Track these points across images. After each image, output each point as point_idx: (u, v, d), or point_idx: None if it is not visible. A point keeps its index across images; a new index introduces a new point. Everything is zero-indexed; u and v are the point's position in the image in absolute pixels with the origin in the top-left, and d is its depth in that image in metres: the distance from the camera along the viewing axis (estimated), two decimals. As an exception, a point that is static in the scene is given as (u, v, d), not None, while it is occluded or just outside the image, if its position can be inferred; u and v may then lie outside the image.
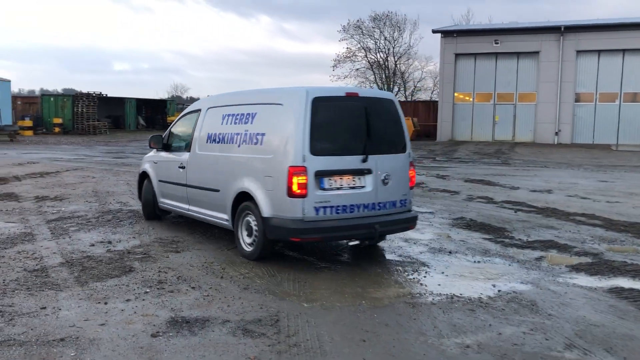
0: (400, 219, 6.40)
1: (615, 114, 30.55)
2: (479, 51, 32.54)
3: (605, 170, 17.56)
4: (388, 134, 6.45)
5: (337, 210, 5.90)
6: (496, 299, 5.07)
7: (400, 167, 6.43)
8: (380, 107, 6.45)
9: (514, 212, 9.71)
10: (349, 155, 6.05)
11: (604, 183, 13.97)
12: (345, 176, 6.02)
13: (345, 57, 56.27)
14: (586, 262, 6.36)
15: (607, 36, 29.89)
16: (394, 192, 6.32)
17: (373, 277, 5.73)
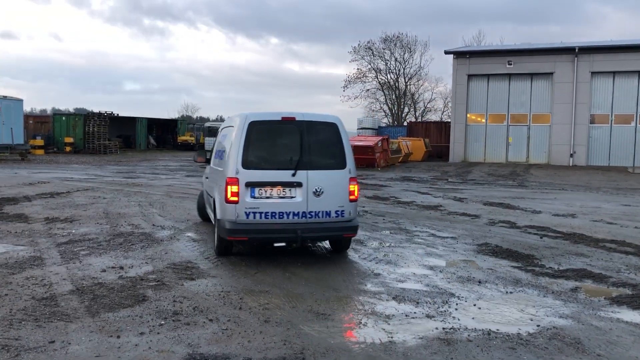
0: (331, 227, 7.16)
1: (632, 136, 30.16)
2: (492, 72, 32.37)
3: (626, 194, 17.12)
4: (325, 153, 7.31)
5: (266, 215, 6.97)
6: (537, 335, 4.71)
7: (336, 182, 7.21)
8: (318, 129, 7.32)
9: (540, 237, 9.33)
10: (280, 170, 7.06)
11: (627, 207, 13.56)
12: (276, 187, 7.03)
13: (355, 78, 56.39)
14: (626, 295, 5.98)
15: (622, 57, 29.65)
16: (328, 203, 7.13)
17: (401, 308, 5.38)
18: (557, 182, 21.55)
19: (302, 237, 6.97)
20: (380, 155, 28.24)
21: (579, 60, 30.21)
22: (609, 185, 20.11)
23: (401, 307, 5.42)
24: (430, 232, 9.74)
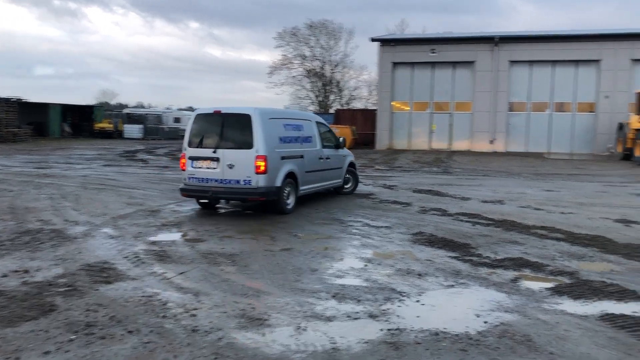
0: (238, 191, 9.61)
1: (546, 123, 31.47)
2: (416, 60, 32.74)
3: (545, 179, 17.70)
4: (238, 137, 9.71)
5: (198, 180, 9.86)
6: (486, 333, 4.46)
7: (245, 159, 9.51)
8: (235, 119, 9.83)
9: (472, 225, 9.28)
10: (207, 149, 9.78)
11: (550, 192, 13.93)
12: (204, 161, 9.78)
13: (281, 65, 55.65)
14: (565, 284, 5.91)
15: (538, 47, 30.79)
16: (237, 174, 9.54)
17: (342, 308, 4.99)
18: (480, 168, 22.06)
19: (215, 196, 9.89)
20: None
21: (499, 49, 31.09)
22: (529, 171, 20.80)
23: (342, 307, 5.04)
24: (364, 221, 9.46)
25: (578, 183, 16.52)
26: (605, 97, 29.87)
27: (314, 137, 11.41)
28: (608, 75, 29.74)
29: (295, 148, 10.55)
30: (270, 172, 9.57)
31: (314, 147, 11.32)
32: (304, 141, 10.96)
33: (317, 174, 11.37)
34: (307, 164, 10.84)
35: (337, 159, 12.31)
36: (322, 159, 11.57)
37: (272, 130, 9.86)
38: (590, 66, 30.29)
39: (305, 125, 11.23)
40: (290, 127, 10.59)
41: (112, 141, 41.89)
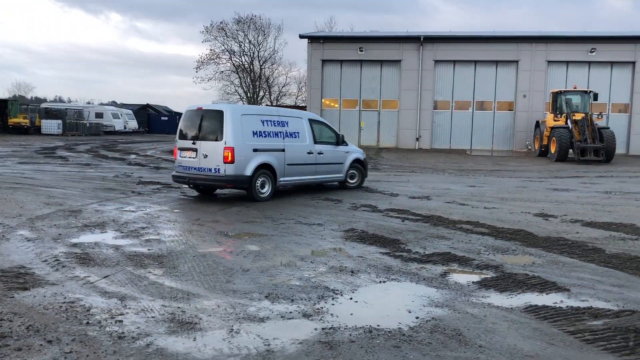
0: (210, 179, 11.06)
1: (469, 121, 32.64)
2: (345, 58, 33.04)
3: (469, 175, 18.36)
4: (212, 130, 11.03)
5: (183, 168, 11.43)
6: (418, 329, 4.52)
7: (216, 149, 10.83)
8: (210, 114, 11.16)
9: (402, 221, 9.45)
10: (187, 141, 11.28)
11: (473, 188, 14.44)
12: (187, 151, 11.30)
13: (209, 59, 54.61)
14: (491, 277, 6.11)
15: (461, 47, 31.85)
16: (210, 163, 10.93)
17: (276, 309, 4.92)
18: (407, 165, 22.60)
19: (191, 182, 11.49)
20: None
21: (424, 49, 31.93)
22: (453, 167, 21.51)
23: (275, 307, 4.96)
24: (296, 219, 9.41)
25: (499, 179, 17.23)
26: (523, 96, 31.36)
27: (302, 133, 12.37)
28: (525, 75, 31.23)
29: (274, 142, 11.65)
30: (238, 162, 10.83)
31: (301, 142, 12.31)
32: (288, 136, 12.01)
33: (305, 167, 12.40)
34: (289, 157, 11.93)
35: (335, 155, 13.27)
36: (311, 153, 12.49)
37: (244, 124, 11.05)
38: (509, 66, 31.68)
39: (292, 122, 12.23)
40: (269, 123, 11.64)
41: (29, 137, 39.59)
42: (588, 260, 6.98)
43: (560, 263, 6.82)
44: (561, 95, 26.33)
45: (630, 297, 5.46)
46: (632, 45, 30.38)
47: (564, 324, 4.71)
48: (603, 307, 5.14)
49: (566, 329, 4.58)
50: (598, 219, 9.89)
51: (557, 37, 31.81)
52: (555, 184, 15.85)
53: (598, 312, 5.01)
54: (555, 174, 19.26)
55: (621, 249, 7.57)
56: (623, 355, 4.10)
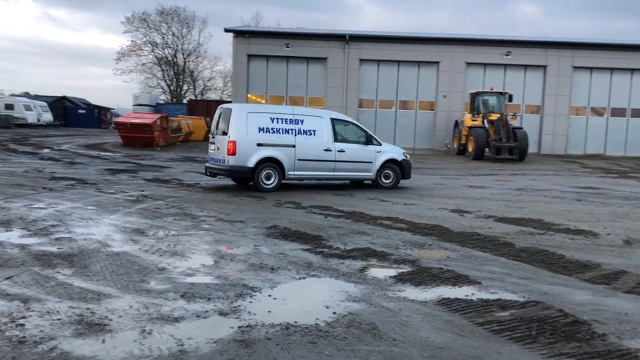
0: (218, 169, 12.54)
1: (392, 120, 33.36)
2: (271, 53, 32.85)
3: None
4: (224, 126, 12.41)
5: (209, 159, 13.16)
6: (334, 324, 4.55)
7: (223, 142, 12.27)
8: (225, 112, 12.65)
9: (325, 217, 9.51)
10: (212, 135, 13.03)
11: (395, 185, 14.75)
12: (210, 144, 13.11)
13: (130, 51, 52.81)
14: (407, 271, 6.26)
15: (385, 47, 32.47)
16: (220, 154, 12.42)
17: (191, 308, 4.80)
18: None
19: (208, 171, 12.88)
20: (160, 134, 26.78)
21: (349, 47, 32.30)
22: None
23: (191, 307, 4.85)
24: (218, 216, 9.26)
25: (420, 176, 17.72)
26: (444, 96, 32.41)
27: (319, 131, 12.94)
28: (446, 76, 32.29)
29: (283, 138, 12.53)
30: (240, 154, 12.06)
31: (317, 140, 12.87)
32: (301, 133, 12.71)
33: (321, 163, 12.96)
34: (301, 153, 12.65)
35: (362, 154, 13.48)
36: (329, 151, 12.94)
37: (250, 121, 12.25)
38: (430, 67, 32.65)
39: (309, 120, 12.90)
40: (280, 121, 12.57)
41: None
42: (499, 254, 7.31)
43: (473, 257, 7.09)
44: (479, 96, 27.44)
45: (535, 289, 5.76)
46: (543, 50, 32.12)
47: (474, 315, 4.90)
48: (510, 299, 5.39)
49: (476, 321, 4.76)
50: (509, 215, 10.38)
51: (475, 40, 33.11)
52: (472, 182, 16.51)
53: (506, 303, 5.25)
54: (472, 172, 20.06)
55: (529, 243, 7.98)
56: (526, 343, 4.31)
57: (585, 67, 32.21)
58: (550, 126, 32.32)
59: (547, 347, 4.24)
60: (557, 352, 4.15)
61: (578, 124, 32.77)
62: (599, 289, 5.86)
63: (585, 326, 4.71)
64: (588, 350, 4.21)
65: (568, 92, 32.12)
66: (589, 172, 21.51)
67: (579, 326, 4.70)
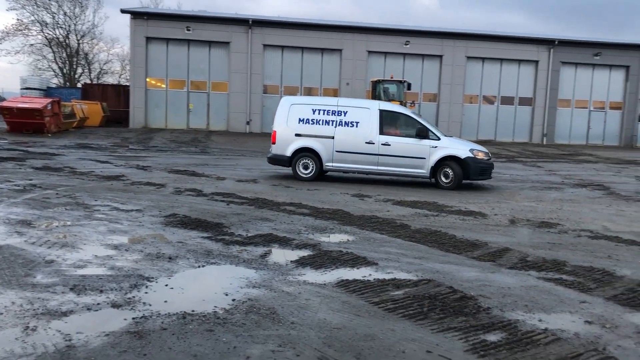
0: (271, 158, 13.41)
1: (297, 106, 33.43)
2: (171, 37, 31.79)
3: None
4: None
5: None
6: (233, 311, 4.52)
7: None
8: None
9: (227, 204, 9.40)
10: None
11: (299, 171, 14.86)
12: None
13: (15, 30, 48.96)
14: (308, 255, 6.33)
15: (289, 33, 32.42)
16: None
17: (82, 301, 4.56)
18: (237, 149, 22.56)
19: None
20: (51, 119, 25.17)
21: (253, 32, 31.94)
22: (281, 151, 21.93)
23: (81, 300, 4.61)
24: (113, 205, 8.87)
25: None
26: (347, 84, 32.97)
27: (363, 123, 12.58)
28: (348, 63, 32.84)
29: (322, 129, 12.64)
30: (279, 144, 12.88)
31: (359, 132, 12.56)
32: (342, 124, 12.60)
33: (361, 156, 12.59)
34: (339, 144, 12.59)
35: (412, 148, 12.56)
36: (372, 143, 12.51)
37: (291, 112, 12.82)
38: (333, 55, 33.05)
39: (353, 112, 12.69)
40: (322, 112, 12.70)
41: None
42: (396, 235, 7.58)
43: (372, 239, 7.31)
44: (379, 84, 28.17)
45: (428, 268, 6.04)
46: (439, 40, 33.50)
47: (370, 295, 5.05)
48: (405, 278, 5.61)
49: (372, 300, 4.91)
50: (406, 198, 10.79)
51: (376, 29, 33.88)
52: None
53: (400, 282, 5.46)
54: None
55: (424, 225, 8.35)
56: (418, 320, 4.51)
57: (478, 57, 34.00)
58: (446, 113, 33.87)
59: (437, 323, 4.46)
60: (446, 327, 4.38)
61: (471, 111, 34.62)
62: (486, 266, 6.25)
63: (472, 301, 5.01)
64: (474, 324, 4.48)
65: (462, 81, 33.78)
66: (480, 157, 22.79)
67: (466, 301, 4.99)
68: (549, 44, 34.29)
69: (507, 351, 3.98)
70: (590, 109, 35.94)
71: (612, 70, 35.60)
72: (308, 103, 13.04)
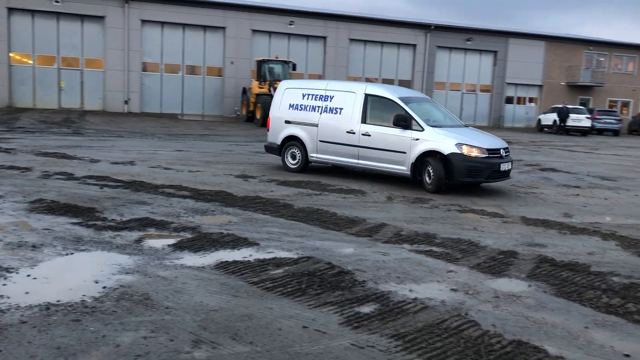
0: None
1: (179, 85, 32.44)
2: (38, 8, 29.32)
3: (178, 140, 18.31)
4: None
5: None
6: (103, 299, 4.30)
7: None
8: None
9: (100, 188, 8.89)
10: None
11: (181, 152, 14.44)
12: None
13: None
14: (187, 239, 6.17)
15: (169, 9, 31.15)
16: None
17: None
18: (114, 129, 21.40)
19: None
20: None
21: (130, 7, 30.31)
22: (163, 132, 21.17)
23: None
24: (-33, 192, 8.05)
25: (208, 143, 17.59)
26: (231, 62, 32.42)
27: (346, 109, 10.94)
28: (232, 42, 32.26)
29: (308, 116, 11.37)
30: (272, 131, 12.02)
31: (341, 119, 10.97)
32: (326, 111, 11.17)
33: (343, 148, 10.99)
34: (322, 133, 11.20)
35: (392, 140, 10.33)
36: (353, 133, 10.76)
37: (284, 97, 11.78)
38: (217, 32, 32.28)
39: (339, 97, 11.12)
40: (310, 97, 11.42)
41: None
42: (278, 215, 7.61)
43: (254, 220, 7.28)
44: (264, 64, 27.98)
45: (308, 245, 6.13)
46: (323, 21, 33.88)
47: (249, 276, 5.03)
48: (285, 257, 5.66)
49: (251, 280, 4.90)
50: (291, 178, 10.86)
51: (260, 8, 33.52)
52: (259, 148, 16.88)
53: (280, 261, 5.49)
54: (260, 138, 20.49)
55: (307, 204, 8.46)
56: (296, 297, 4.56)
57: (360, 39, 34.88)
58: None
59: (314, 298, 4.55)
60: (323, 302, 4.47)
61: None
62: (363, 241, 6.46)
63: (349, 275, 5.16)
64: (349, 297, 4.62)
65: (345, 63, 34.52)
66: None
67: (343, 276, 5.13)
68: (425, 28, 35.97)
69: (379, 321, 4.15)
70: (463, 92, 38.36)
71: (482, 54, 38.17)
72: (299, 87, 11.86)
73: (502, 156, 10.20)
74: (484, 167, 9.79)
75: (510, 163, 10.43)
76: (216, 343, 3.64)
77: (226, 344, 3.63)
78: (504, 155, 10.26)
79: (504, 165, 10.06)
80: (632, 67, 42.23)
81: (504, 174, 10.25)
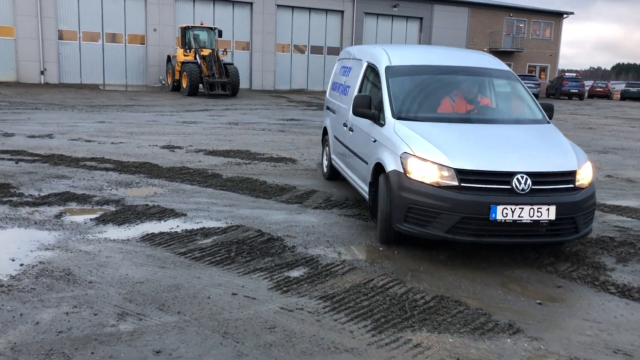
0: None
1: (100, 54, 30.93)
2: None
3: (100, 111, 17.56)
4: None
5: None
6: (21, 276, 4.11)
7: None
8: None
9: (16, 163, 8.42)
10: None
11: (103, 124, 13.86)
12: None
13: None
14: (111, 212, 5.97)
15: (85, -27, 29.40)
16: None
17: None
18: (30, 102, 20.23)
19: None
20: None
21: (41, -30, 28.36)
22: (84, 103, 20.22)
23: None
24: None
25: (131, 114, 16.96)
26: (154, 30, 31.16)
27: (352, 89, 7.08)
28: (154, 9, 30.95)
29: (335, 100, 7.98)
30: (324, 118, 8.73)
31: (346, 104, 7.15)
32: (343, 91, 7.60)
33: (341, 148, 7.28)
34: (332, 125, 7.98)
35: (362, 141, 6.19)
36: (347, 127, 6.90)
37: (334, 75, 8.51)
38: (138, -1, 30.88)
39: (353, 69, 7.39)
40: (342, 71, 8.06)
41: None
42: (207, 185, 7.49)
43: (181, 191, 7.13)
44: (189, 30, 27.09)
45: (238, 214, 6.08)
46: (249, -13, 33.12)
47: (177, 246, 4.95)
48: (214, 226, 5.60)
49: (178, 251, 4.82)
50: (219, 148, 10.69)
51: (183, -27, 32.28)
52: (185, 117, 16.48)
53: (209, 231, 5.43)
54: (187, 108, 20.00)
55: (236, 173, 8.37)
56: (225, 265, 4.54)
57: (288, 5, 34.36)
58: (259, 63, 33.97)
59: (244, 265, 4.54)
60: (252, 269, 4.48)
61: (283, 60, 35.15)
62: (293, 208, 6.49)
63: (279, 242, 5.19)
64: (279, 263, 4.65)
65: (273, 30, 33.99)
66: (293, 106, 23.40)
67: (273, 242, 5.15)
68: (353, -6, 35.88)
69: (308, 284, 4.21)
70: (390, 58, 38.72)
71: (408, 21, 38.61)
72: (343, 57, 8.39)
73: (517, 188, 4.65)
74: (443, 207, 4.64)
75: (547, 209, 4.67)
76: (143, 315, 3.58)
77: (153, 315, 3.58)
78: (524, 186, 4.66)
79: (509, 210, 4.60)
80: (549, 33, 44.07)
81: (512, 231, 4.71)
